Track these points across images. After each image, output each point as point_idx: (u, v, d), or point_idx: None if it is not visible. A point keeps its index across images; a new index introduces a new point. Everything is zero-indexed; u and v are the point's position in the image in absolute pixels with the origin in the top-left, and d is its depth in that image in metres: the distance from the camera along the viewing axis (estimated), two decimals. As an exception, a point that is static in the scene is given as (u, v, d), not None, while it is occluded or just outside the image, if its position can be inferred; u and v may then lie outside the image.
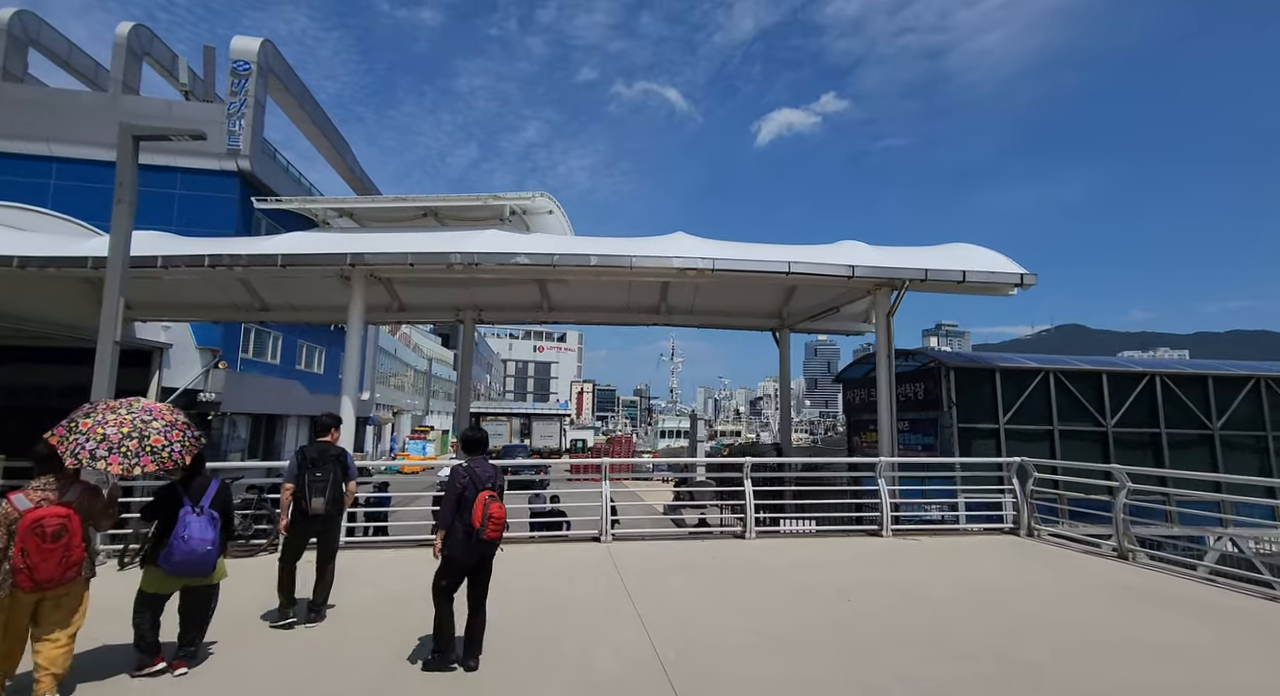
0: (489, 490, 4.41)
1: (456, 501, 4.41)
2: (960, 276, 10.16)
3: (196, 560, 4.19)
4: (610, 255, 10.16)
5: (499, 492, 4.54)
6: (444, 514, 4.45)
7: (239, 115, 20.28)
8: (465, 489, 4.42)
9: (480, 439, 4.81)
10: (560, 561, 7.55)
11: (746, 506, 8.81)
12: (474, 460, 4.64)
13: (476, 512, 4.30)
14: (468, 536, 4.35)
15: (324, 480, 5.34)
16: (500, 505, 4.42)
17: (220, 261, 10.33)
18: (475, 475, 4.47)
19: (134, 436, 3.90)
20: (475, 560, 4.44)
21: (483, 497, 4.34)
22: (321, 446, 5.55)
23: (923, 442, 12.06)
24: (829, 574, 6.95)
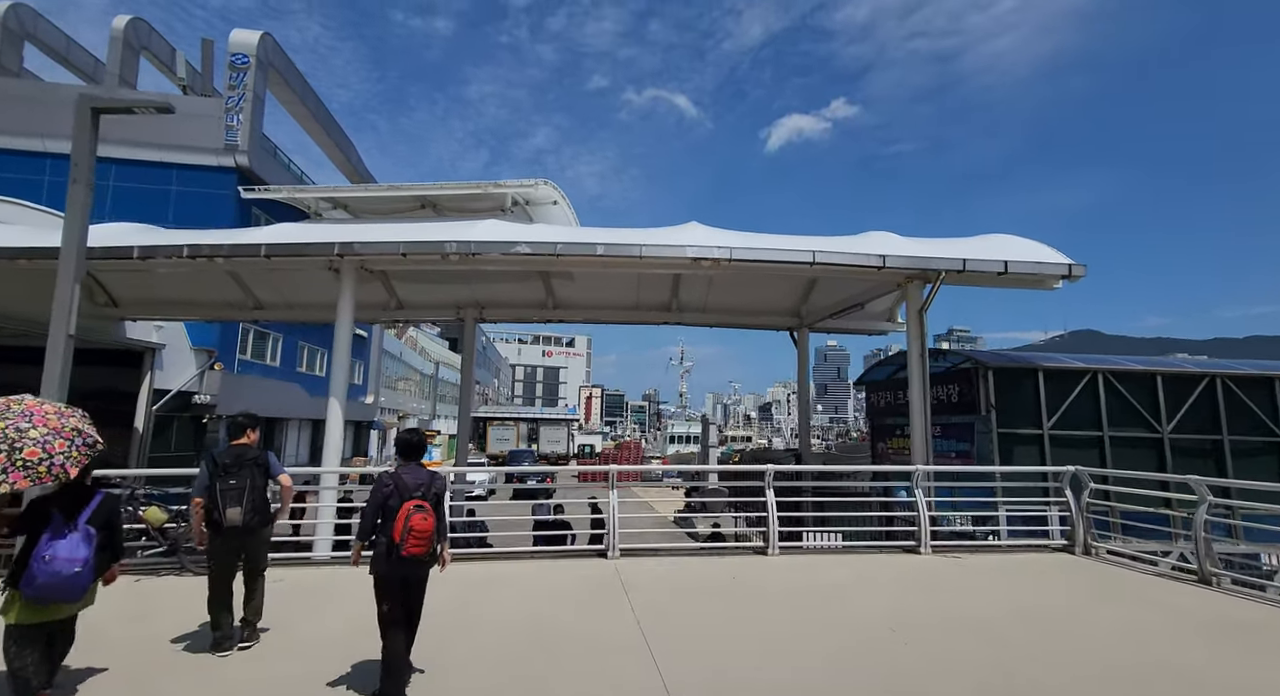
0: (416, 500, 4.03)
1: (377, 511, 4.05)
2: (1001, 267, 9.26)
3: (62, 583, 3.49)
4: (618, 244, 9.36)
5: (433, 503, 4.13)
6: (362, 524, 4.12)
7: (237, 110, 19.70)
8: (389, 497, 4.04)
9: (416, 443, 4.39)
10: (561, 581, 6.72)
11: (769, 519, 7.93)
12: (405, 466, 4.24)
13: (397, 525, 3.93)
14: (388, 552, 3.96)
15: (239, 488, 4.67)
16: (425, 517, 3.97)
17: (200, 251, 9.62)
18: (401, 483, 4.08)
19: (2, 449, 3.14)
20: (400, 579, 4.02)
21: (406, 508, 3.96)
22: (237, 451, 4.86)
23: (957, 449, 11.13)
24: (868, 598, 6.07)
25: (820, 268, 9.48)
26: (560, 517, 10.38)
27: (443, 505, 4.36)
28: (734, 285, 13.57)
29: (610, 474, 8.05)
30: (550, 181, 11.02)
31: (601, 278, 13.36)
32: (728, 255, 9.25)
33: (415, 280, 13.52)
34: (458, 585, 6.50)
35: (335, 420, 9.87)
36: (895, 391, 14.00)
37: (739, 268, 9.64)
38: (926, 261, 9.37)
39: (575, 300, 14.45)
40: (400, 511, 3.98)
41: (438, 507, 4.21)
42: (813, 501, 9.50)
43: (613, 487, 7.99)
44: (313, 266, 10.26)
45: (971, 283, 9.83)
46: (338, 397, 9.91)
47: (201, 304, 15.21)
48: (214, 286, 14.22)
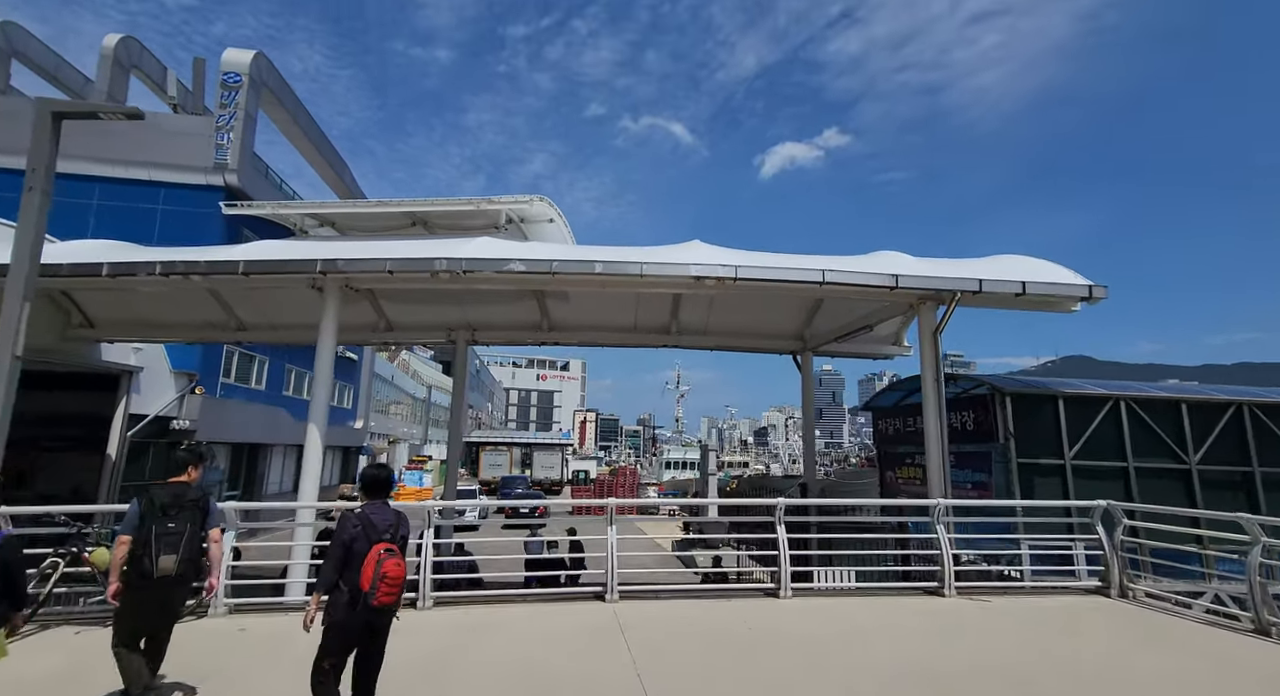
0: (386, 543, 3.67)
1: (343, 556, 3.66)
2: (1019, 288, 8.82)
3: None
4: (618, 261, 8.88)
5: (400, 546, 3.79)
6: (325, 571, 3.68)
7: (227, 128, 19.35)
8: (355, 540, 3.67)
9: (384, 479, 4.02)
10: (554, 629, 6.06)
11: (781, 558, 7.31)
12: (371, 505, 3.89)
13: (366, 571, 3.56)
14: (353, 601, 3.59)
15: (177, 533, 4.08)
16: (398, 562, 3.64)
17: (174, 269, 9.08)
18: (370, 523, 3.72)
19: None
20: (361, 629, 3.66)
21: (376, 552, 3.60)
22: (176, 489, 4.28)
23: (973, 480, 10.56)
24: (898, 649, 5.44)
25: (830, 287, 9.02)
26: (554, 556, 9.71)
27: (406, 548, 3.99)
28: (736, 307, 13.13)
29: (609, 508, 7.44)
30: (546, 198, 10.58)
31: (599, 298, 12.89)
32: (733, 273, 8.78)
33: (404, 300, 13.01)
34: (444, 633, 5.85)
35: (314, 447, 9.23)
36: (905, 418, 13.46)
37: (745, 287, 9.18)
38: (942, 281, 8.92)
39: (571, 322, 13.96)
40: (369, 556, 3.60)
41: (403, 551, 3.85)
42: (825, 537, 8.87)
43: (611, 523, 7.38)
44: (295, 285, 9.72)
45: (987, 304, 9.39)
46: (317, 424, 9.28)
47: (182, 325, 14.63)
48: (195, 307, 13.66)
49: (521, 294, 12.52)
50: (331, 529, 12.54)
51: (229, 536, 6.73)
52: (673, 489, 45.09)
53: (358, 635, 3.67)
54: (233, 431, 21.04)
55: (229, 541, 6.69)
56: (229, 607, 6.55)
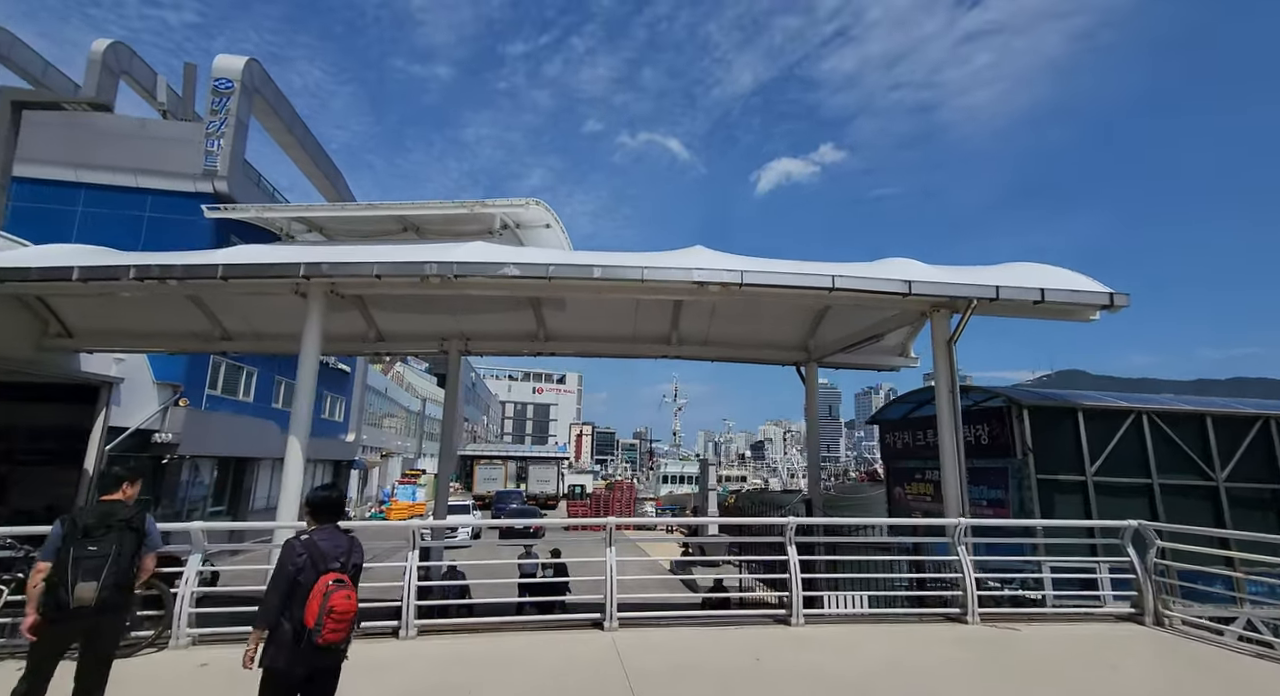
0: (336, 573, 3.33)
1: (287, 589, 3.31)
2: (1037, 295, 8.41)
3: None
4: (617, 266, 8.45)
5: (352, 576, 3.45)
6: (267, 603, 3.31)
7: (218, 134, 18.99)
8: (300, 571, 3.31)
9: (334, 500, 3.67)
10: (550, 663, 5.54)
11: (791, 582, 6.81)
12: (321, 530, 3.52)
13: (312, 605, 3.21)
14: (296, 639, 3.22)
15: (100, 556, 3.66)
16: (348, 594, 3.29)
17: (149, 273, 8.59)
18: (317, 551, 3.37)
19: None
20: (305, 673, 3.27)
21: (324, 584, 3.26)
22: (105, 509, 3.86)
23: (988, 497, 10.08)
24: (931, 689, 4.94)
25: (840, 294, 8.58)
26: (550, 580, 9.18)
27: (359, 578, 3.62)
28: (738, 316, 12.71)
29: (608, 527, 6.93)
30: (542, 202, 10.18)
31: (597, 306, 12.46)
32: (738, 279, 8.36)
33: (395, 308, 12.54)
34: (426, 669, 5.31)
35: (295, 461, 8.69)
36: (914, 431, 13.00)
37: (750, 293, 8.73)
38: (957, 288, 8.51)
39: (568, 331, 13.51)
40: (315, 587, 3.25)
41: (356, 581, 3.51)
42: (837, 559, 8.37)
43: (610, 545, 6.88)
44: (278, 291, 9.24)
45: (1002, 313, 8.98)
46: (298, 436, 8.75)
47: (164, 334, 14.11)
48: (178, 315, 13.15)
49: (517, 302, 12.08)
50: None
51: (194, 559, 6.20)
52: (670, 504, 44.38)
53: (301, 680, 3.28)
54: (219, 445, 20.45)
55: (194, 565, 6.16)
56: (192, 638, 6.00)
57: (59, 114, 19.53)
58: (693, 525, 22.68)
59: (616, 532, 6.88)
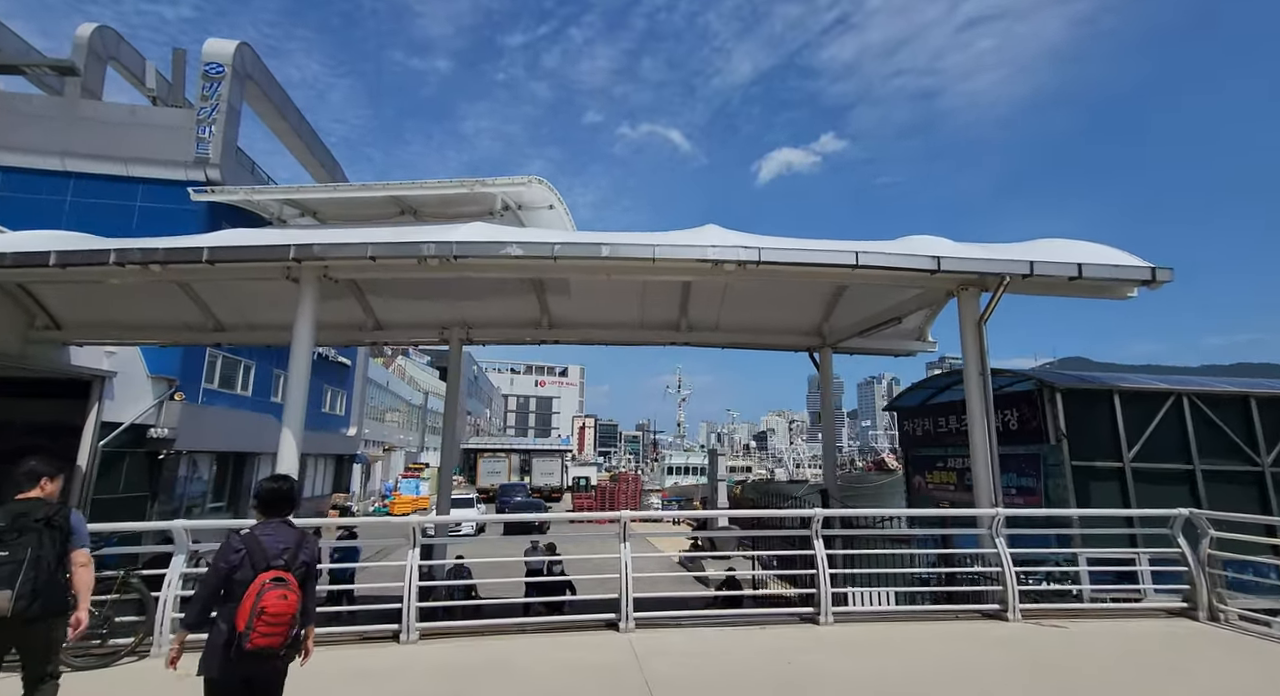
0: (277, 571, 3.06)
1: (217, 588, 3.06)
2: (1074, 271, 7.88)
3: None
4: (627, 244, 7.94)
5: (301, 575, 3.17)
6: (194, 603, 3.11)
7: (209, 121, 18.40)
8: (235, 569, 3.05)
9: (284, 493, 3.39)
10: (564, 671, 5.09)
11: (819, 578, 6.35)
12: (265, 524, 3.25)
13: (244, 605, 2.94)
14: (226, 645, 2.94)
15: (13, 562, 3.24)
16: (284, 595, 2.99)
17: (130, 258, 8.11)
18: (257, 548, 3.10)
19: None
20: (240, 682, 3.00)
21: (260, 583, 2.99)
22: (19, 508, 3.41)
23: (1018, 485, 9.60)
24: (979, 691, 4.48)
25: (863, 271, 8.08)
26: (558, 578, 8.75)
27: (314, 578, 3.37)
28: (750, 300, 12.20)
29: (621, 522, 6.47)
30: (545, 180, 9.65)
31: (603, 291, 11.97)
32: (755, 256, 7.84)
33: (392, 295, 12.06)
34: (428, 680, 4.86)
35: (289, 454, 8.29)
36: (935, 418, 12.52)
37: (767, 272, 8.23)
38: (989, 264, 7.99)
39: (573, 318, 13.02)
40: (251, 587, 2.98)
41: (307, 581, 3.24)
42: (860, 553, 7.91)
43: (624, 541, 6.42)
44: (269, 275, 8.75)
45: (1035, 290, 8.46)
46: (292, 429, 8.34)
47: (156, 326, 13.68)
48: (169, 306, 12.70)
49: (520, 287, 11.60)
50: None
51: (178, 560, 5.75)
52: (676, 495, 44.02)
53: (239, 691, 3.01)
54: (216, 440, 20.02)
55: (178, 566, 5.71)
56: (177, 646, 5.55)
57: (52, 101, 19.01)
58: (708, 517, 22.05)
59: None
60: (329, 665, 5.25)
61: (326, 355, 29.59)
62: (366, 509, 36.04)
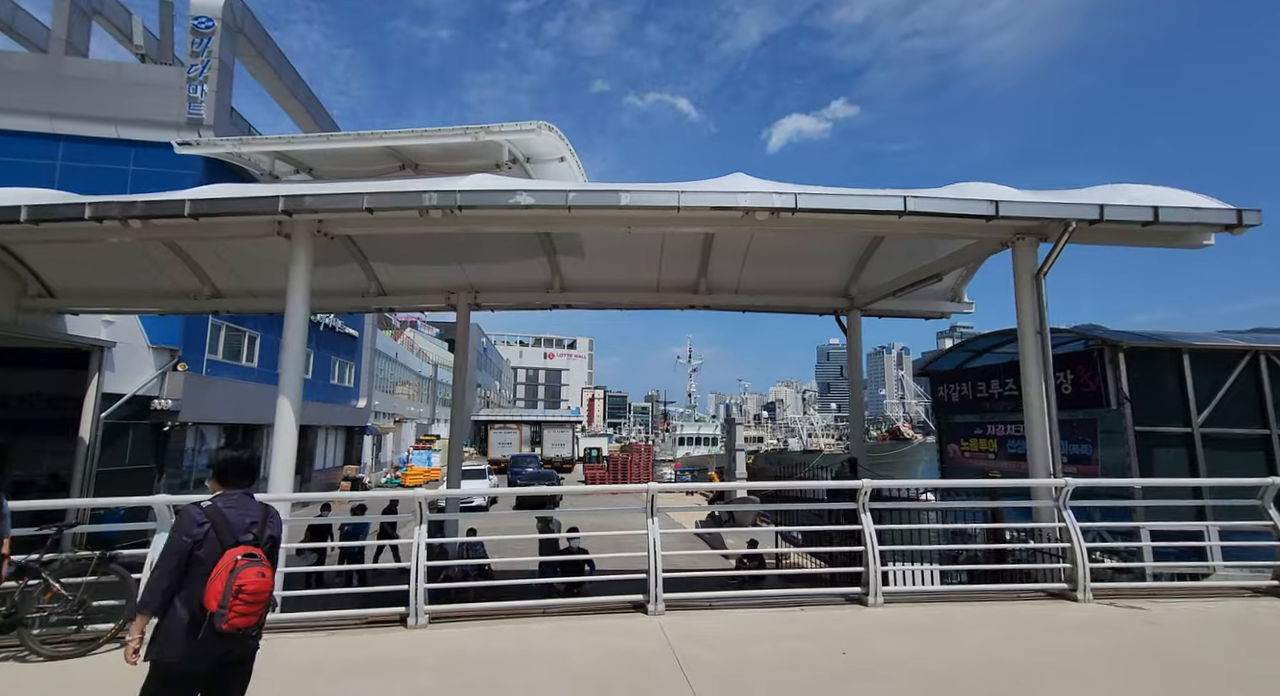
0: (246, 546, 2.82)
1: (180, 564, 2.75)
2: (1149, 215, 7.05)
3: None
4: (649, 192, 7.18)
5: (267, 552, 2.94)
6: (153, 584, 2.78)
7: (200, 79, 17.52)
8: (200, 544, 2.77)
9: (244, 462, 3.08)
10: (589, 660, 4.53)
11: (868, 556, 5.75)
12: (227, 496, 2.97)
13: (215, 585, 2.68)
14: (194, 627, 2.68)
15: None
16: (261, 571, 2.76)
17: (107, 212, 7.43)
18: (222, 521, 2.84)
19: None
20: (207, 666, 2.72)
21: (230, 559, 2.74)
22: None
23: (1070, 453, 8.91)
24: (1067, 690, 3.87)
25: (910, 220, 7.28)
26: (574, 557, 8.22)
27: (277, 553, 3.14)
28: (775, 258, 11.43)
29: (648, 494, 5.87)
30: (555, 128, 8.82)
31: (619, 251, 11.24)
32: (792, 203, 7.06)
33: (395, 257, 11.39)
34: (439, 670, 4.31)
35: (286, 426, 7.73)
36: (973, 382, 11.80)
37: (804, 222, 7.46)
38: (1053, 209, 7.17)
39: (585, 281, 12.30)
40: (220, 563, 2.73)
41: (272, 558, 3.00)
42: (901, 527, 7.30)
43: (651, 516, 5.83)
44: (259, 231, 8.08)
45: (1103, 239, 7.65)
46: (289, 397, 7.77)
47: (151, 293, 13.05)
48: (164, 272, 12.09)
49: (530, 248, 10.88)
50: (320, 523, 11.01)
51: (159, 539, 5.20)
52: (689, 466, 43.76)
53: (204, 676, 2.73)
54: (223, 412, 19.67)
55: (158, 546, 5.16)
56: (161, 633, 5.04)
57: (35, 59, 18.16)
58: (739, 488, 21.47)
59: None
60: (332, 654, 4.74)
61: (334, 326, 29.11)
62: (379, 480, 36.01)
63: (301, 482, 26.35)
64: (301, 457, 26.83)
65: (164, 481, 16.98)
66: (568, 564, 8.76)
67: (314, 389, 26.86)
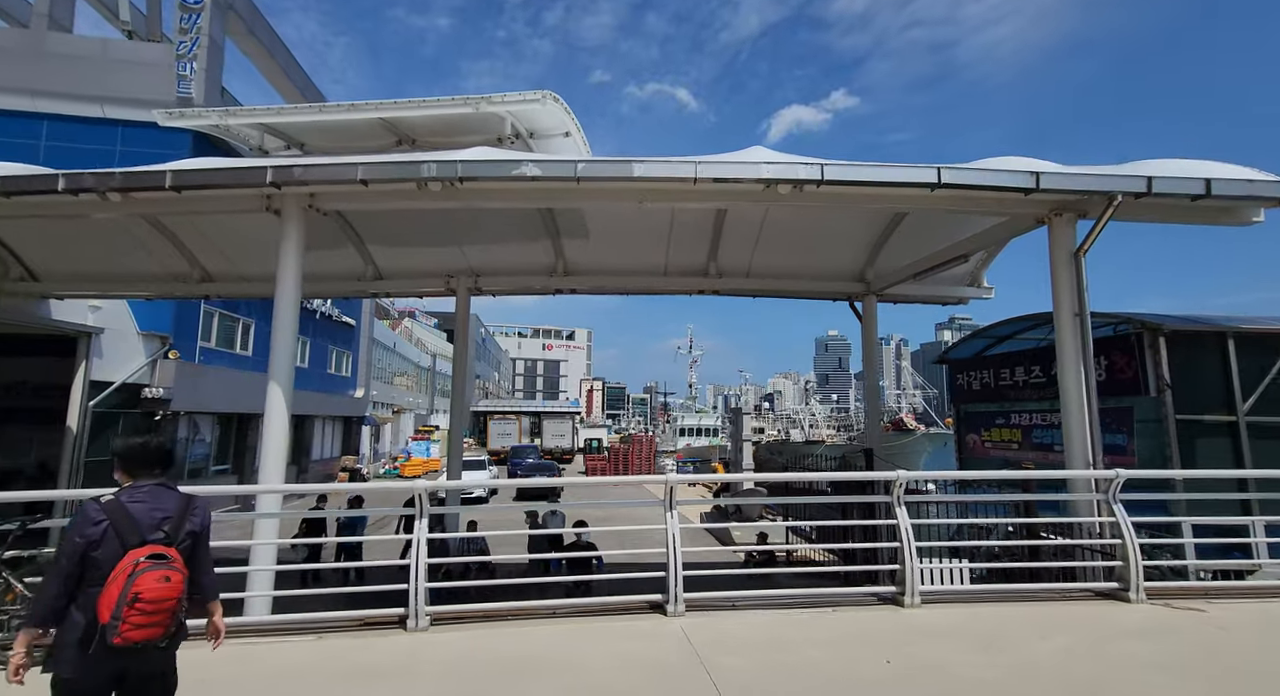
0: (155, 546, 2.42)
1: (71, 571, 2.37)
2: (1201, 188, 6.58)
3: None
4: (663, 162, 6.69)
5: (187, 551, 2.55)
6: (42, 594, 2.42)
7: (189, 57, 16.91)
8: (94, 545, 2.38)
9: (153, 449, 2.67)
10: (603, 668, 4.11)
11: (904, 553, 5.32)
12: (134, 489, 2.56)
13: (109, 592, 2.30)
14: (85, 640, 2.32)
15: None
16: (166, 575, 2.36)
17: (81, 184, 6.95)
18: (124, 518, 2.43)
19: None
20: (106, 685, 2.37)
21: (129, 562, 2.34)
22: None
23: (1105, 443, 8.45)
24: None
25: (942, 193, 6.81)
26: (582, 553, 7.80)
27: (203, 549, 2.73)
28: (788, 240, 10.97)
29: (667, 487, 5.42)
30: (560, 99, 8.30)
31: (626, 232, 10.76)
32: (817, 174, 6.58)
33: (392, 239, 10.89)
34: (441, 683, 3.88)
35: (277, 413, 7.28)
36: (995, 370, 11.37)
37: (828, 195, 7.01)
38: (1098, 182, 6.69)
39: (590, 264, 11.83)
40: (118, 567, 2.37)
41: (195, 553, 2.64)
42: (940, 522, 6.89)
43: (669, 510, 5.39)
44: (247, 207, 7.57)
45: (1147, 215, 7.19)
46: (279, 383, 7.30)
47: (139, 277, 12.55)
48: (152, 254, 11.59)
49: (533, 230, 10.40)
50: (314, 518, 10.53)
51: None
52: (691, 457, 43.43)
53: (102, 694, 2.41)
54: (217, 401, 19.19)
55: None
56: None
57: (16, 34, 17.51)
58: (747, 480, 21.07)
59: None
60: (326, 661, 4.31)
61: (331, 314, 28.58)
62: (377, 471, 35.62)
63: (299, 473, 25.93)
64: (299, 448, 26.38)
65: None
66: (574, 560, 8.35)
67: (311, 378, 26.39)
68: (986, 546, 6.26)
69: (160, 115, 10.25)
